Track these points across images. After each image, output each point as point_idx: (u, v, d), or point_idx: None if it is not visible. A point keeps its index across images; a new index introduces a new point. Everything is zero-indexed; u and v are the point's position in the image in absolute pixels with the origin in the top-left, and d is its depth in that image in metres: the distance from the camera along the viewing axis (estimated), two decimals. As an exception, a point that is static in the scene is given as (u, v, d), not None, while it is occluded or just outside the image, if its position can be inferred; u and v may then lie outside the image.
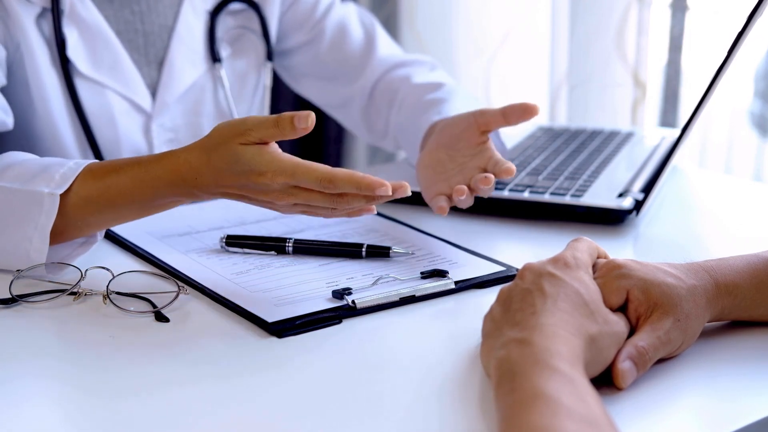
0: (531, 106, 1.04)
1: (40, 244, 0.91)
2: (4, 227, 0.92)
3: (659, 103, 2.14)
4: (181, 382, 0.74)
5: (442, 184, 1.06)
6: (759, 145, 2.10)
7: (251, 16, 1.31)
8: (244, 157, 0.85)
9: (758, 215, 1.18)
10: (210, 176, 0.88)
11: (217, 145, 0.87)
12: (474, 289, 0.91)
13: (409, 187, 0.87)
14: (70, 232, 0.94)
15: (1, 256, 0.93)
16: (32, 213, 0.91)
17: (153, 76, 1.24)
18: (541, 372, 0.62)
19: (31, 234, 0.91)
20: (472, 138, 1.06)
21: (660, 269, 0.76)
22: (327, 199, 0.86)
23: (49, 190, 0.91)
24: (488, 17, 2.17)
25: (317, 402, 0.71)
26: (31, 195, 0.91)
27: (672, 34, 2.07)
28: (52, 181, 0.92)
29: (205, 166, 0.88)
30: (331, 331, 0.82)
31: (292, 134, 0.86)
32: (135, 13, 1.21)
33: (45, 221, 0.91)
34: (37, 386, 0.74)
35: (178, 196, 0.91)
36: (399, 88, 1.29)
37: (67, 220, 0.92)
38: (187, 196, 0.91)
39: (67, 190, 0.91)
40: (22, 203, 0.91)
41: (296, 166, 0.85)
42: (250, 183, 0.86)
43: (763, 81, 2.09)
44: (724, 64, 1.00)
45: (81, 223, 0.93)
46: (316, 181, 0.84)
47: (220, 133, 0.88)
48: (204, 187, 0.89)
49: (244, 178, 0.86)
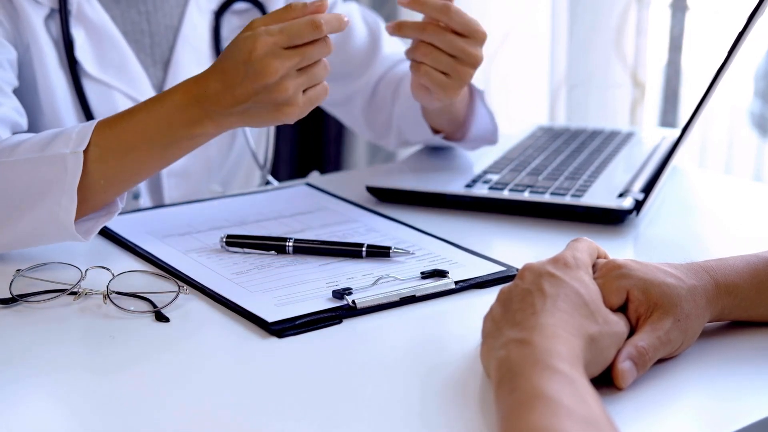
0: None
1: (69, 204, 0.91)
2: (32, 199, 0.91)
3: (659, 103, 2.14)
4: (181, 381, 0.74)
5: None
6: (759, 145, 2.11)
7: (256, 15, 1.31)
8: (238, 38, 0.89)
9: (758, 215, 1.18)
10: (218, 86, 0.89)
11: (227, 47, 0.91)
12: (474, 289, 0.91)
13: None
14: (92, 195, 0.93)
15: (33, 231, 0.92)
16: (58, 177, 0.91)
17: (159, 76, 1.24)
18: (541, 372, 0.62)
19: (59, 198, 0.91)
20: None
21: (660, 269, 0.76)
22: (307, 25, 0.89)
23: (71, 150, 0.91)
24: (488, 17, 2.17)
25: (317, 402, 0.71)
26: (53, 159, 0.91)
27: (672, 34, 2.07)
28: (71, 140, 0.91)
29: (211, 74, 0.90)
30: (331, 331, 0.82)
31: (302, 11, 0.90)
32: (141, 14, 1.22)
33: (71, 181, 0.90)
34: (37, 386, 0.74)
35: (195, 121, 0.91)
36: (403, 79, 1.30)
37: (90, 179, 0.92)
38: (205, 119, 0.91)
39: (87, 145, 0.91)
40: (44, 170, 0.91)
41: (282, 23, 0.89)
42: (244, 69, 0.88)
43: (763, 81, 2.09)
44: (724, 64, 1.00)
45: (103, 180, 0.92)
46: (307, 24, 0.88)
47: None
48: (214, 98, 0.90)
49: (239, 68, 0.88)
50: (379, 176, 1.22)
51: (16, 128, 1.09)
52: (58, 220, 0.91)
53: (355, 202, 1.16)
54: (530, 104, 2.17)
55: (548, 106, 2.14)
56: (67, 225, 0.92)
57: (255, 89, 0.89)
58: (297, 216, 1.11)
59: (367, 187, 1.19)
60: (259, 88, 0.89)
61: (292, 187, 1.25)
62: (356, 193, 1.20)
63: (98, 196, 0.94)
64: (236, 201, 1.18)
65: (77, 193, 0.91)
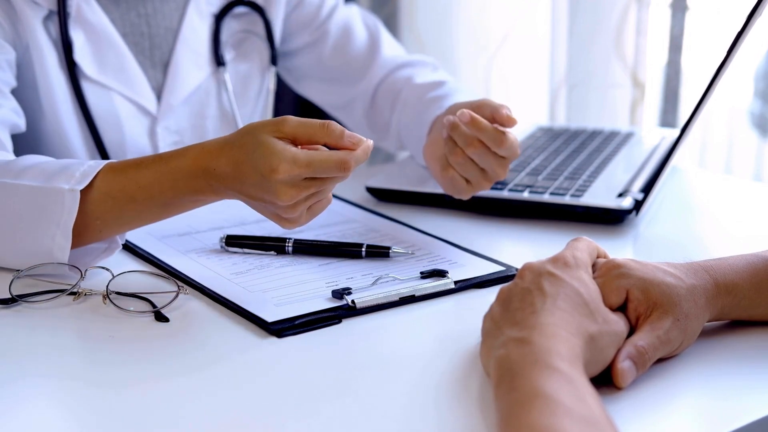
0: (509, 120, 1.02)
1: (63, 241, 0.91)
2: (27, 226, 0.92)
3: (659, 103, 2.14)
4: (181, 381, 0.74)
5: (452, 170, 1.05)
6: (759, 145, 2.11)
7: (256, 19, 1.31)
8: (263, 147, 0.84)
9: (758, 215, 1.18)
10: (228, 169, 0.86)
11: (243, 134, 0.87)
12: (474, 289, 0.91)
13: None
14: (88, 233, 0.93)
15: (24, 255, 0.92)
16: (54, 210, 0.91)
17: (158, 78, 1.24)
18: (541, 371, 0.62)
19: (53, 232, 0.91)
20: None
21: (659, 269, 0.76)
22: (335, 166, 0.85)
23: (70, 187, 0.90)
24: (488, 18, 2.18)
25: (317, 401, 0.71)
26: (53, 192, 0.91)
27: (672, 34, 2.07)
28: (73, 178, 0.91)
29: (224, 157, 0.87)
30: (331, 331, 0.82)
31: (337, 141, 0.86)
32: (141, 16, 1.21)
33: (67, 218, 0.90)
34: (37, 386, 0.74)
35: (198, 191, 0.89)
36: (402, 88, 1.29)
37: (87, 218, 0.91)
38: (207, 191, 0.89)
39: (88, 186, 0.91)
40: (43, 201, 0.91)
41: (310, 155, 0.84)
42: (263, 180, 0.84)
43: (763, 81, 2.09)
44: (723, 63, 1.00)
45: (100, 222, 0.92)
46: (336, 165, 0.85)
47: (252, 124, 0.88)
48: (221, 179, 0.87)
49: (258, 174, 0.84)
50: (378, 176, 1.22)
51: (14, 129, 1.09)
52: (51, 254, 0.91)
53: (354, 203, 1.16)
54: (530, 104, 2.17)
55: (548, 106, 2.14)
56: (60, 259, 0.91)
57: (264, 199, 0.87)
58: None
59: (366, 187, 1.19)
60: (268, 202, 0.87)
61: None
62: (356, 193, 1.20)
63: (93, 235, 0.94)
64: (236, 201, 1.18)
65: (76, 223, 0.90)
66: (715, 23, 2.02)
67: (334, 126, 0.86)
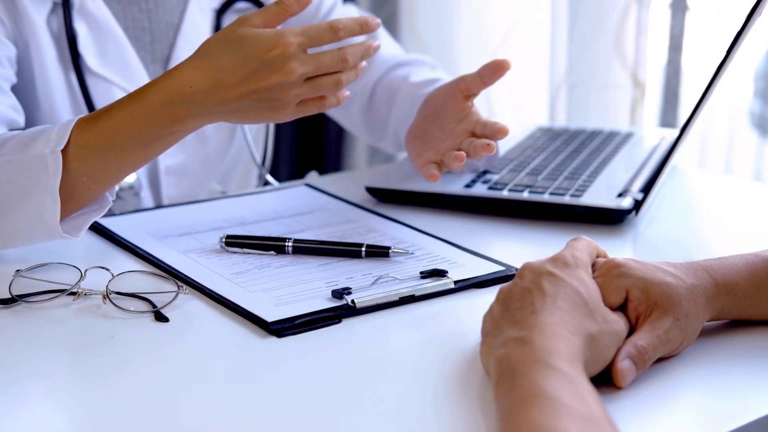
0: (501, 62, 1.08)
1: (53, 204, 0.91)
2: (16, 199, 0.91)
3: (659, 103, 2.14)
4: (181, 381, 0.74)
5: (430, 152, 1.10)
6: (759, 145, 2.11)
7: None
8: (249, 38, 0.87)
9: (758, 215, 1.18)
10: (206, 82, 0.87)
11: (215, 44, 0.89)
12: (473, 289, 0.91)
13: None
14: (77, 193, 0.93)
15: (19, 232, 0.93)
16: (39, 177, 0.90)
17: (159, 73, 1.24)
18: (541, 371, 0.62)
19: (42, 198, 0.90)
20: (456, 104, 1.10)
21: (659, 269, 0.76)
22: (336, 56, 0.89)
23: (50, 149, 0.90)
24: (488, 17, 2.18)
25: (316, 401, 0.71)
26: (33, 160, 0.91)
27: (672, 34, 2.07)
28: (50, 140, 0.91)
29: (199, 71, 0.88)
30: (331, 331, 0.82)
31: (294, 9, 0.89)
32: (143, 11, 1.22)
33: (53, 181, 0.90)
34: (36, 386, 0.74)
35: (174, 119, 0.90)
36: (399, 87, 1.30)
37: (72, 177, 0.91)
38: (185, 117, 0.90)
39: (66, 144, 0.91)
40: (26, 171, 0.91)
41: (304, 27, 0.88)
42: (260, 65, 0.86)
43: (763, 81, 2.09)
44: (723, 63, 1.00)
45: (86, 178, 0.92)
46: (327, 28, 0.87)
47: (216, 35, 0.90)
48: (200, 96, 0.88)
49: (249, 63, 0.86)
50: (378, 177, 1.22)
51: (12, 126, 1.09)
52: (43, 221, 0.91)
53: (354, 203, 1.16)
54: (530, 104, 2.17)
55: (548, 106, 2.14)
56: (53, 225, 0.92)
57: (258, 88, 0.87)
58: (296, 216, 1.11)
59: (366, 187, 1.19)
60: (271, 85, 0.87)
61: (291, 187, 1.25)
62: (355, 194, 1.20)
63: (83, 193, 0.94)
64: (235, 201, 1.18)
65: (61, 192, 0.91)
66: (715, 23, 2.02)
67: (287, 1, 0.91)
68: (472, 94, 1.11)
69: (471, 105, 1.11)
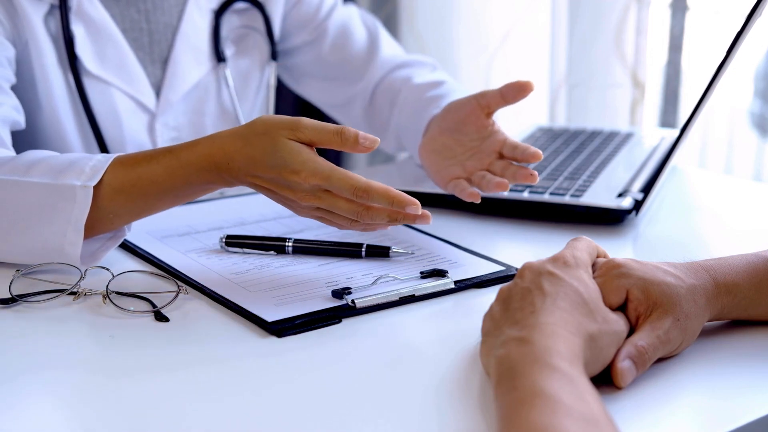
0: (525, 84, 1.06)
1: (75, 237, 0.91)
2: (38, 223, 0.91)
3: (659, 103, 2.14)
4: (181, 381, 0.74)
5: (455, 168, 1.08)
6: (759, 145, 2.11)
7: (255, 15, 1.31)
8: (283, 151, 0.86)
9: (758, 215, 1.18)
10: (242, 163, 0.88)
11: (258, 134, 0.88)
12: (473, 289, 0.91)
13: (431, 217, 0.89)
14: (100, 225, 0.93)
15: (36, 252, 0.92)
16: (65, 207, 0.91)
17: (157, 74, 1.24)
18: (541, 370, 0.62)
19: (64, 228, 0.91)
20: (477, 121, 1.09)
21: (659, 269, 0.76)
22: (353, 208, 0.87)
23: (81, 183, 0.91)
24: (488, 18, 2.18)
25: (316, 401, 0.71)
26: (63, 189, 0.91)
27: (672, 34, 2.07)
28: (83, 173, 0.91)
29: (238, 153, 0.88)
30: (331, 331, 0.82)
31: (352, 147, 0.88)
32: (140, 12, 1.22)
33: (78, 215, 0.90)
34: (36, 386, 0.74)
35: (209, 182, 0.91)
36: (400, 88, 1.30)
37: (99, 213, 0.92)
38: (219, 181, 0.91)
39: (99, 181, 0.91)
40: (54, 198, 0.91)
41: (332, 170, 0.86)
42: (281, 178, 0.86)
43: (763, 81, 2.09)
44: (723, 63, 1.00)
45: (112, 215, 0.93)
46: (350, 189, 0.86)
47: (266, 123, 0.89)
48: (235, 173, 0.89)
49: (275, 172, 0.86)
50: (378, 177, 1.22)
51: (14, 126, 1.09)
52: (62, 250, 0.91)
53: (354, 202, 1.16)
54: (530, 104, 2.17)
55: (548, 106, 2.14)
56: (72, 257, 0.92)
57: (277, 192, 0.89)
58: (296, 216, 1.11)
59: (366, 187, 1.19)
60: (286, 197, 0.88)
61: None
62: (356, 193, 1.19)
63: (105, 227, 0.94)
64: (236, 201, 1.18)
65: (87, 218, 0.91)
66: (715, 23, 2.02)
67: (348, 132, 0.88)
68: (492, 111, 1.09)
69: (493, 122, 1.09)
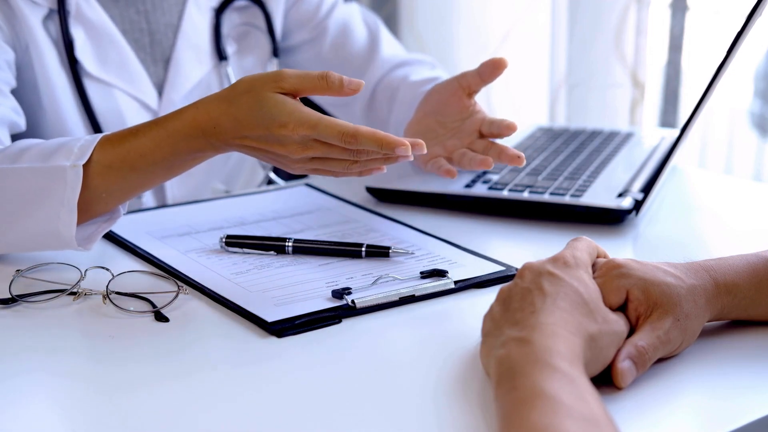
0: (499, 61, 1.10)
1: (69, 218, 0.91)
2: (31, 207, 0.92)
3: (659, 103, 2.14)
4: (181, 381, 0.74)
5: (436, 148, 1.12)
6: (759, 145, 2.11)
7: (256, 12, 1.31)
8: (268, 105, 0.87)
9: (758, 215, 1.18)
10: (229, 125, 0.88)
11: (242, 92, 0.88)
12: (473, 289, 0.91)
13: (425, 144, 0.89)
14: (94, 206, 0.94)
15: (32, 238, 0.93)
16: (57, 189, 0.91)
17: (159, 74, 1.24)
18: (541, 371, 0.62)
19: (57, 210, 0.91)
20: (459, 102, 1.12)
21: (660, 269, 0.76)
22: (346, 153, 0.88)
23: (71, 163, 0.91)
24: (488, 17, 2.18)
25: (317, 401, 0.71)
26: (54, 171, 0.91)
27: (672, 34, 2.08)
28: (72, 154, 0.92)
29: (224, 115, 0.89)
30: (331, 331, 0.82)
31: (338, 91, 0.88)
32: (140, 12, 1.22)
33: (71, 195, 0.91)
34: (36, 386, 0.74)
35: (198, 149, 0.91)
36: (399, 86, 1.30)
37: (91, 192, 0.92)
38: (207, 148, 0.91)
39: (88, 160, 0.91)
40: (45, 180, 0.91)
41: (320, 119, 0.86)
42: (270, 134, 0.87)
43: (763, 81, 2.10)
44: (723, 63, 1.00)
45: (105, 194, 0.93)
46: (338, 135, 0.86)
47: (248, 81, 0.89)
48: (222, 136, 0.89)
49: (263, 129, 0.87)
50: (378, 177, 1.22)
51: (13, 128, 1.09)
52: (57, 233, 0.92)
53: (354, 203, 1.16)
54: (530, 104, 2.18)
55: (548, 106, 2.14)
56: (68, 237, 0.92)
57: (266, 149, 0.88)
58: (296, 216, 1.11)
59: (366, 187, 1.19)
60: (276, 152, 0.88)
61: (291, 187, 1.25)
62: (356, 194, 1.20)
63: (99, 207, 0.94)
64: (236, 201, 1.18)
65: (78, 205, 0.91)
66: (715, 23, 2.02)
67: (333, 76, 0.89)
68: (473, 91, 1.12)
69: (474, 103, 1.12)
